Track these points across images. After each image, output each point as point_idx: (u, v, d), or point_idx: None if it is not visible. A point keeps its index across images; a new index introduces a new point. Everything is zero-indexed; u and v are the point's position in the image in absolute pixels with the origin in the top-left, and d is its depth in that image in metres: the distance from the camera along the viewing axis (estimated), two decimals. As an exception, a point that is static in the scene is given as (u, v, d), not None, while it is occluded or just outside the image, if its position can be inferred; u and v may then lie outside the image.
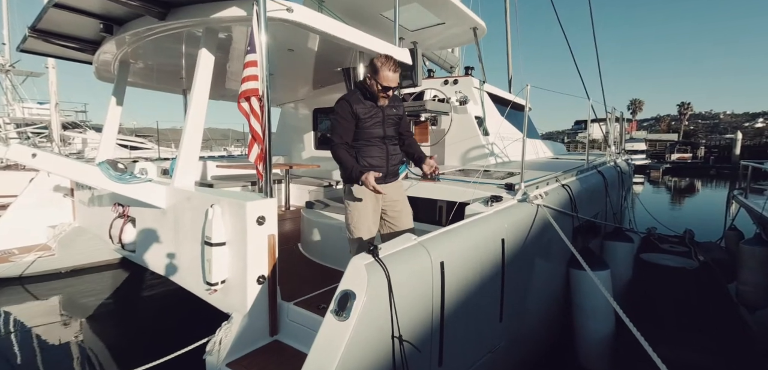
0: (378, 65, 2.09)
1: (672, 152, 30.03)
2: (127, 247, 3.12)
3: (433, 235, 1.76)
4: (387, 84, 2.11)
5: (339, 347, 1.27)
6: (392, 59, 2.12)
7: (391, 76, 2.09)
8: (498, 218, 2.22)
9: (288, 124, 5.76)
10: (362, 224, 2.17)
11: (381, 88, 2.11)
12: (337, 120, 2.12)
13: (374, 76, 2.11)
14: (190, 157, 2.61)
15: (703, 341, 2.86)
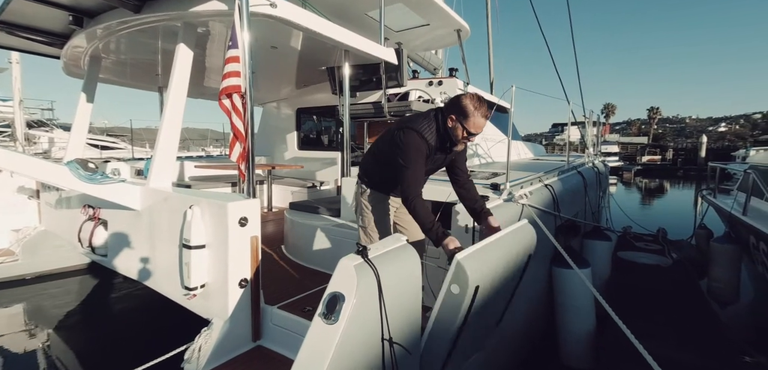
0: (470, 109, 1.77)
1: (642, 155, 31.42)
2: (97, 251, 2.95)
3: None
4: (476, 131, 1.82)
5: (328, 351, 1.23)
6: (486, 103, 1.84)
7: (483, 124, 1.81)
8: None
9: (270, 124, 5.65)
10: (383, 230, 2.07)
11: (467, 134, 1.82)
12: (409, 161, 1.77)
13: (463, 121, 1.79)
14: (166, 156, 2.49)
15: (679, 336, 2.98)
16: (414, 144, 1.79)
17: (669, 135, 57.96)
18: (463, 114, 1.80)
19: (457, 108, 1.82)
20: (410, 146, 1.78)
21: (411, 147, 1.78)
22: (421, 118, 1.90)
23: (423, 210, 1.78)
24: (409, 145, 1.78)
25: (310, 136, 5.44)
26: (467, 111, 1.79)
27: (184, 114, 2.58)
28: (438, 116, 1.88)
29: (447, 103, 1.91)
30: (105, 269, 3.03)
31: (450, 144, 1.89)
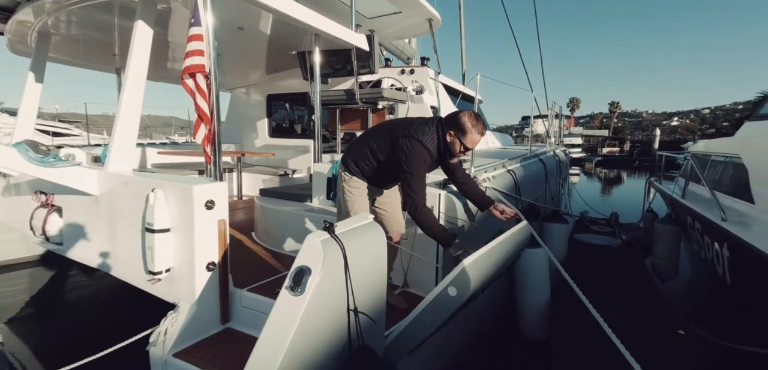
0: (468, 127, 1.94)
1: (603, 147, 33.37)
2: (52, 240, 2.80)
3: None
4: (472, 147, 2.01)
5: (294, 321, 1.28)
6: (481, 121, 2.01)
7: (478, 140, 1.99)
8: (450, 200, 2.36)
9: (239, 110, 5.49)
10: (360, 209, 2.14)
11: (464, 149, 2.01)
12: (416, 170, 1.90)
13: (461, 137, 1.96)
14: (125, 139, 2.39)
15: (623, 307, 3.29)
16: (421, 155, 1.91)
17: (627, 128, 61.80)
18: (461, 131, 1.96)
19: (457, 125, 1.97)
20: (417, 157, 1.90)
21: (418, 157, 1.90)
22: (425, 128, 2.00)
23: (431, 216, 1.96)
24: (417, 155, 1.90)
25: (283, 125, 5.35)
26: (465, 128, 1.95)
27: (146, 100, 2.47)
28: (439, 129, 2.01)
29: (446, 119, 2.05)
30: (61, 259, 2.88)
31: (449, 155, 2.07)
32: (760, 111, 3.28)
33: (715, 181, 3.70)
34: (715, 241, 2.96)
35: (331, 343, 1.41)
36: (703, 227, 3.26)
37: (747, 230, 2.50)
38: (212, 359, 1.86)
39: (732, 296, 2.74)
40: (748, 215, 2.81)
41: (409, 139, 1.92)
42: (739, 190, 3.15)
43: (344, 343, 1.46)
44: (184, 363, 1.85)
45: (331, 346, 1.41)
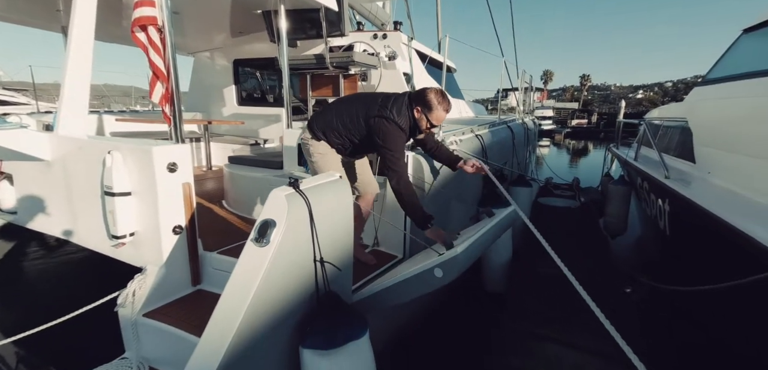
0: (434, 103, 2.03)
1: (572, 119, 34.62)
2: (5, 209, 2.66)
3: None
4: (438, 124, 2.10)
5: (259, 270, 1.33)
6: (447, 98, 2.10)
7: (444, 117, 2.08)
8: (418, 161, 2.44)
9: (203, 77, 5.22)
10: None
11: (431, 126, 2.09)
12: (395, 146, 1.99)
13: (427, 113, 2.05)
14: (75, 101, 2.25)
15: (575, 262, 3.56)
16: (396, 133, 2.01)
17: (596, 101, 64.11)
18: (427, 107, 2.04)
19: (423, 101, 2.05)
20: (396, 134, 2.01)
21: (397, 135, 2.01)
22: (398, 107, 2.06)
23: (413, 193, 2.01)
24: (395, 133, 2.01)
25: (254, 95, 5.16)
26: (431, 105, 2.04)
27: (103, 68, 2.34)
28: (409, 106, 2.08)
29: (414, 95, 2.13)
30: (15, 229, 2.75)
31: (417, 131, 2.16)
32: (708, 77, 3.52)
33: (665, 144, 3.99)
34: (658, 198, 3.24)
35: (298, 291, 1.48)
36: (650, 186, 3.54)
37: (686, 186, 2.75)
38: (183, 317, 1.89)
39: (671, 246, 3.04)
40: (689, 174, 3.08)
41: (387, 121, 2.01)
42: (684, 152, 3.42)
43: (312, 291, 1.53)
44: (155, 322, 1.87)
45: (298, 293, 1.48)
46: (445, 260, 1.67)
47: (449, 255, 1.67)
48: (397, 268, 2.21)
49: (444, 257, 1.68)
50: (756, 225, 1.78)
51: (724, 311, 2.22)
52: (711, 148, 2.96)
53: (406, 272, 1.79)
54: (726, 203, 2.15)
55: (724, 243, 2.03)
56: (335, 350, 1.38)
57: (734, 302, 2.03)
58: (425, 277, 1.73)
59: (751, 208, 2.04)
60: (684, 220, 2.76)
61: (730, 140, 2.71)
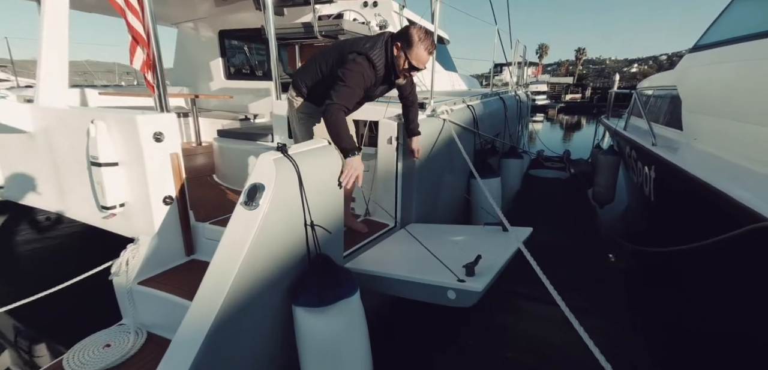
0: (415, 39, 1.80)
1: (566, 94, 34.54)
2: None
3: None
4: (418, 65, 1.86)
5: (250, 232, 1.35)
6: (431, 37, 1.86)
7: (425, 58, 1.84)
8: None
9: (188, 50, 5.06)
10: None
11: (409, 66, 1.86)
12: (351, 82, 1.77)
13: (406, 50, 1.82)
14: (54, 70, 2.19)
15: (563, 229, 3.66)
16: (362, 70, 1.79)
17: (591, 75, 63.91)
18: (407, 43, 1.81)
19: (404, 37, 1.84)
20: (358, 71, 1.79)
21: (358, 72, 1.79)
22: (375, 44, 1.89)
23: (342, 122, 1.79)
24: (358, 69, 1.78)
25: (243, 71, 5.03)
26: (412, 41, 1.80)
27: (86, 45, 2.26)
28: (388, 44, 1.88)
29: (396, 32, 1.93)
30: (5, 204, 2.72)
31: (394, 76, 1.93)
32: (699, 43, 3.52)
33: (655, 113, 4.03)
34: (645, 165, 3.30)
35: (289, 253, 1.50)
36: (637, 154, 3.60)
37: (670, 153, 2.80)
38: (178, 285, 1.92)
39: (655, 211, 3.13)
40: (675, 141, 3.13)
41: (358, 55, 1.84)
42: (673, 120, 3.46)
43: (303, 254, 1.56)
44: (150, 289, 1.90)
45: (290, 256, 1.51)
46: (464, 289, 1.60)
47: (470, 288, 1.60)
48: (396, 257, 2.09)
49: (463, 286, 1.60)
50: (733, 185, 1.84)
51: (700, 270, 2.32)
52: (698, 115, 3.00)
53: (415, 277, 1.74)
54: (705, 166, 2.20)
55: (703, 205, 2.10)
56: (327, 307, 1.42)
57: (709, 260, 2.11)
58: (436, 291, 1.68)
59: (729, 170, 2.09)
60: (666, 185, 2.83)
61: (716, 106, 2.75)
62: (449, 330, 2.13)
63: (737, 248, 1.72)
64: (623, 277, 3.32)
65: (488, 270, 1.71)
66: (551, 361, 1.94)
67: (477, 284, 1.61)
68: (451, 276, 1.67)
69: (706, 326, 2.24)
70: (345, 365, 1.48)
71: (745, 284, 1.78)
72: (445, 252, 1.99)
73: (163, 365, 1.32)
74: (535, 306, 2.43)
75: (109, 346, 1.78)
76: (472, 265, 1.68)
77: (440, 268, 1.74)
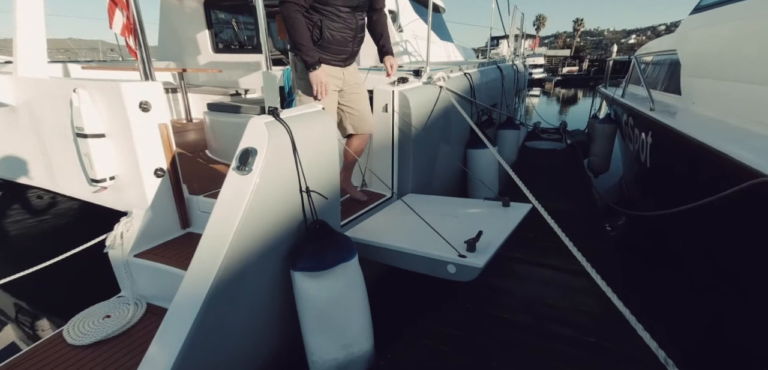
0: None
1: (563, 66, 34.16)
2: (-25, 163, 2.55)
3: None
4: None
5: (244, 197, 1.32)
6: None
7: None
8: (404, 98, 2.40)
9: (173, 22, 4.84)
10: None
11: None
12: None
13: None
14: (32, 37, 2.09)
15: (558, 196, 3.68)
16: None
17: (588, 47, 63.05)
18: None
19: None
20: None
21: None
22: None
23: (300, 26, 1.72)
24: None
25: (231, 45, 4.86)
26: None
27: (69, 22, 2.14)
28: None
29: None
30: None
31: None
32: (700, 3, 3.43)
33: (653, 79, 3.97)
34: (642, 131, 3.29)
35: (285, 219, 1.49)
36: (634, 121, 3.58)
37: (667, 117, 2.78)
38: (175, 256, 1.91)
39: (650, 177, 3.13)
40: (673, 106, 3.10)
41: None
42: (671, 84, 3.41)
43: (300, 219, 1.54)
44: (147, 261, 1.88)
45: (286, 221, 1.49)
46: (464, 264, 1.60)
47: (471, 263, 1.59)
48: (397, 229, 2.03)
49: (464, 261, 1.60)
50: (730, 145, 1.82)
51: (694, 233, 2.34)
52: (697, 78, 2.96)
53: (416, 249, 1.73)
54: (702, 129, 2.18)
55: (700, 167, 2.09)
56: (326, 271, 1.42)
57: (704, 223, 2.13)
58: (436, 265, 1.68)
59: (726, 132, 2.08)
60: (662, 149, 2.82)
61: (715, 68, 2.71)
62: (447, 293, 2.15)
63: (733, 208, 1.73)
64: (618, 243, 3.37)
65: (489, 246, 1.71)
66: (547, 318, 1.98)
67: (478, 259, 1.60)
68: (452, 250, 1.67)
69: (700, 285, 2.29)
70: (346, 327, 1.49)
71: (744, 242, 1.80)
72: (445, 225, 1.99)
73: (159, 334, 1.32)
74: (529, 269, 2.46)
75: (108, 317, 1.78)
76: (473, 241, 1.67)
77: (440, 241, 1.73)
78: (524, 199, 1.95)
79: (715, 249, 2.12)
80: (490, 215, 2.05)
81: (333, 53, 2.00)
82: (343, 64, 2.07)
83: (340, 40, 1.93)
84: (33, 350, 1.59)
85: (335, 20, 1.88)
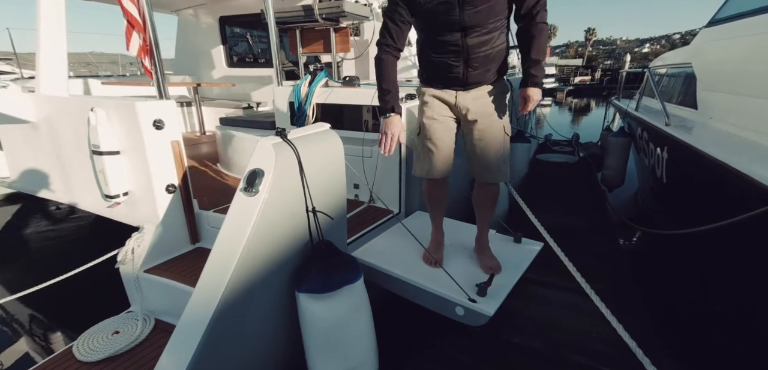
0: None
1: (575, 76, 33.78)
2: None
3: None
4: None
5: (250, 218, 1.33)
6: None
7: None
8: (411, 113, 2.40)
9: (189, 37, 5.01)
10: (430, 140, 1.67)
11: None
12: (385, 11, 1.50)
13: None
14: (53, 58, 2.18)
15: (569, 211, 3.60)
16: None
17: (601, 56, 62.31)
18: None
19: None
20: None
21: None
22: None
23: (380, 67, 1.53)
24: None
25: (246, 59, 4.98)
26: None
27: (91, 36, 2.24)
28: None
29: None
30: (13, 195, 2.76)
31: None
32: (716, 16, 3.35)
33: (668, 93, 3.88)
34: (657, 146, 3.20)
35: (291, 239, 1.49)
36: (649, 135, 3.49)
37: (684, 132, 2.70)
38: (184, 272, 1.93)
39: (666, 193, 3.04)
40: (690, 120, 3.01)
41: None
42: (687, 98, 3.32)
43: (305, 240, 1.54)
44: (157, 277, 1.91)
45: (292, 241, 1.49)
46: (474, 309, 1.53)
47: (480, 309, 1.52)
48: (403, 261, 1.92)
49: (474, 306, 1.53)
50: (752, 164, 1.75)
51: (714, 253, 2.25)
52: (714, 93, 2.87)
53: (424, 284, 1.69)
54: (722, 146, 2.11)
55: (719, 186, 2.01)
56: (331, 293, 1.41)
57: (724, 243, 2.04)
58: (444, 304, 1.62)
59: (747, 149, 2.00)
60: (679, 165, 2.73)
61: (733, 82, 2.63)
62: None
63: (755, 230, 1.65)
64: (634, 260, 3.26)
65: (499, 291, 1.63)
66: (560, 345, 1.92)
67: (488, 306, 1.53)
68: (462, 293, 1.60)
69: (719, 310, 2.19)
70: (351, 351, 1.47)
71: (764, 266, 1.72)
72: (453, 256, 1.94)
73: (167, 351, 1.32)
74: (544, 291, 2.40)
75: (117, 333, 1.80)
76: (485, 285, 1.60)
77: (450, 279, 1.67)
78: (533, 225, 1.91)
79: (735, 270, 2.03)
80: (500, 250, 1.96)
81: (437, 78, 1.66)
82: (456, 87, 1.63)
83: (442, 72, 1.61)
84: (43, 366, 1.62)
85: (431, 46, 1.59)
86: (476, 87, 1.61)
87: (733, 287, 2.07)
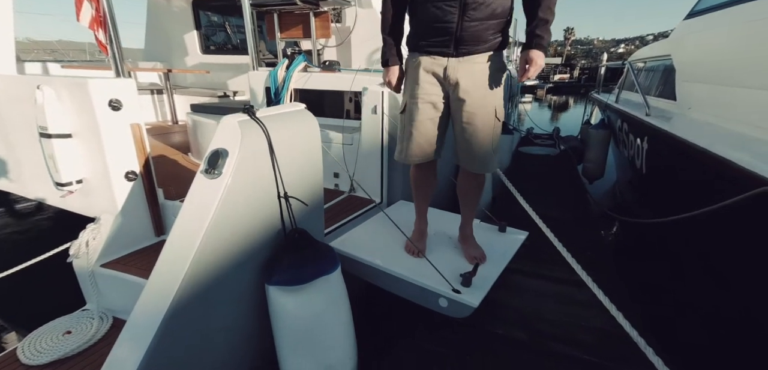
0: None
1: (555, 74, 34.55)
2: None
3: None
4: None
5: (211, 203, 1.20)
6: None
7: None
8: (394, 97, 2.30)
9: (160, 22, 4.71)
10: (410, 122, 1.55)
11: None
12: None
13: None
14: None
15: (557, 204, 3.60)
16: None
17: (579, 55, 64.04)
18: None
19: None
20: None
21: None
22: None
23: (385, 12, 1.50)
24: None
25: (227, 46, 4.73)
26: None
27: (57, 25, 2.01)
28: None
29: None
30: None
31: None
32: (695, 8, 3.40)
33: (648, 85, 3.94)
34: (637, 137, 3.23)
35: (259, 227, 1.36)
36: (629, 126, 3.52)
37: (663, 122, 2.72)
38: (147, 266, 1.76)
39: (646, 183, 3.07)
40: (669, 111, 3.05)
41: None
42: (666, 90, 3.37)
43: (277, 228, 1.42)
44: (115, 272, 1.75)
45: (261, 230, 1.37)
46: (458, 300, 1.46)
47: (464, 300, 1.45)
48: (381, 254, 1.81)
49: (458, 297, 1.46)
50: (731, 150, 1.75)
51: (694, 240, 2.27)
52: (692, 83, 2.91)
53: (406, 274, 1.62)
54: (701, 134, 2.12)
55: (699, 173, 2.02)
56: (303, 285, 1.30)
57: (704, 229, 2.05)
58: (426, 295, 1.55)
59: (725, 137, 2.01)
60: (658, 155, 2.76)
61: (711, 73, 2.66)
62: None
63: (736, 215, 1.65)
64: (613, 251, 3.29)
65: (484, 281, 1.56)
66: (545, 335, 1.87)
67: (473, 297, 1.46)
68: (445, 283, 1.53)
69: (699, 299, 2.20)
70: (327, 348, 1.37)
71: (746, 251, 1.72)
72: (437, 246, 1.87)
73: (115, 349, 1.18)
74: (525, 281, 2.36)
75: (70, 333, 1.63)
76: (469, 275, 1.53)
77: (433, 268, 1.60)
78: (517, 214, 1.86)
79: (714, 256, 2.05)
80: (485, 240, 1.90)
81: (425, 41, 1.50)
82: (446, 53, 1.44)
83: (436, 28, 1.41)
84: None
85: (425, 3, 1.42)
86: (469, 54, 1.42)
87: (710, 274, 2.09)
